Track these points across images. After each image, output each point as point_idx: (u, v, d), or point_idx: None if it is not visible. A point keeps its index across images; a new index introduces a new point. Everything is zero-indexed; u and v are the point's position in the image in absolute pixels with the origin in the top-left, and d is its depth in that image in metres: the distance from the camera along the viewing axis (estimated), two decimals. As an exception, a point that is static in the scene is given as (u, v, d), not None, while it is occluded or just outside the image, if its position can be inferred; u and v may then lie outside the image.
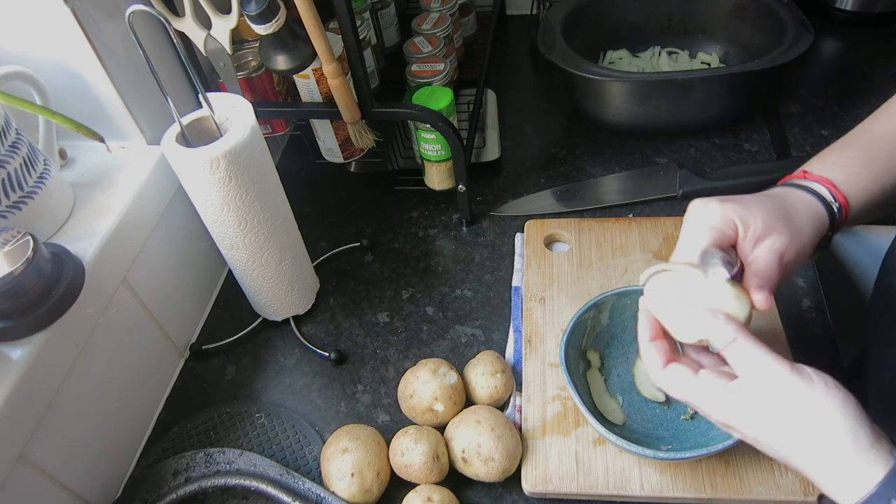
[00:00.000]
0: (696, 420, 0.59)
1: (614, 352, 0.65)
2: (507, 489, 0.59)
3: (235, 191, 0.59)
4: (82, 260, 0.57)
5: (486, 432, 0.57)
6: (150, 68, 0.55)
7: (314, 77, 0.72)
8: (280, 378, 0.71)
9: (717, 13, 0.96)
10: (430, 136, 0.76)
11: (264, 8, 0.61)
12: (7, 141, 0.55)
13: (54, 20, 0.58)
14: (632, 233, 0.76)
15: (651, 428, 0.60)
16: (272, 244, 0.66)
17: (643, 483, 0.56)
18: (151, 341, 0.69)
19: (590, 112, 0.92)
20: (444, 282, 0.77)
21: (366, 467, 0.57)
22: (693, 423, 0.59)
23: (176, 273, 0.73)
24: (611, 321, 0.65)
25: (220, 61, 0.68)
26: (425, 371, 0.62)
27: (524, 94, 1.03)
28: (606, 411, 0.61)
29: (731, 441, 0.52)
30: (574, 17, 0.93)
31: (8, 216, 0.56)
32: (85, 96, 0.63)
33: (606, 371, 0.64)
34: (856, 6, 1.02)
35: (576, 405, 0.62)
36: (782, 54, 0.80)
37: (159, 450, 0.66)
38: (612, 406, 0.61)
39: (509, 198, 0.85)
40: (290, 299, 0.73)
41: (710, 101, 0.86)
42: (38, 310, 0.52)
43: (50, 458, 0.55)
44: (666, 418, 0.60)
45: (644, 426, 0.60)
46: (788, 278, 0.65)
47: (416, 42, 0.86)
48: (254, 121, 0.59)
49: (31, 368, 0.51)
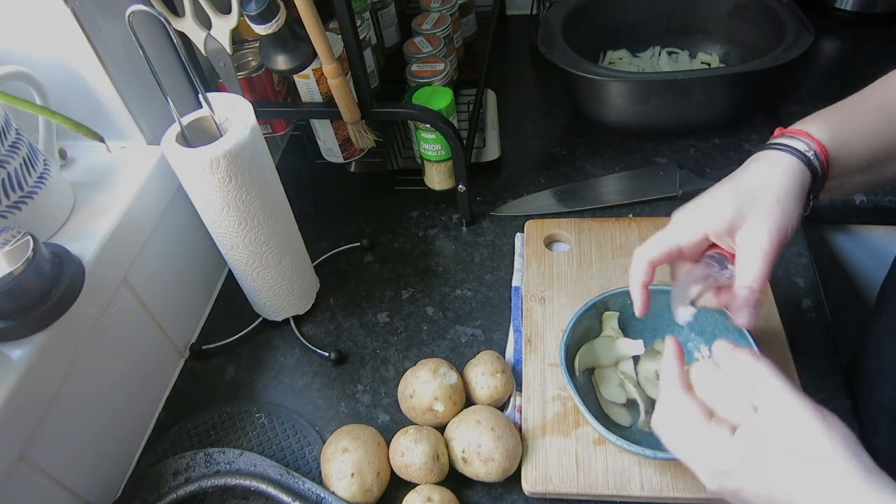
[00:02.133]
0: None
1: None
2: (507, 489, 0.59)
3: (235, 191, 0.59)
4: (82, 260, 0.57)
5: (486, 432, 0.57)
6: (150, 68, 0.55)
7: (314, 77, 0.72)
8: (280, 378, 0.71)
9: (717, 13, 0.96)
10: (430, 136, 0.76)
11: (264, 8, 0.61)
12: (7, 141, 0.55)
13: (54, 20, 0.58)
14: (632, 233, 0.76)
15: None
16: (272, 244, 0.66)
17: (643, 483, 0.56)
18: (151, 341, 0.69)
19: (590, 112, 0.92)
20: (444, 282, 0.77)
21: (366, 467, 0.57)
22: None
23: (176, 273, 0.73)
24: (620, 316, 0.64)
25: (220, 61, 0.68)
26: (425, 371, 0.62)
27: (524, 94, 1.03)
28: (613, 413, 0.61)
29: None
30: (574, 17, 0.93)
31: (8, 216, 0.56)
32: (85, 96, 0.63)
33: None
34: (856, 6, 1.02)
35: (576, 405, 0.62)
36: (782, 54, 0.80)
37: (159, 450, 0.66)
38: (617, 409, 0.61)
39: (509, 198, 0.85)
40: (290, 299, 0.73)
41: (710, 101, 0.86)
42: (38, 310, 0.52)
43: (50, 458, 0.55)
44: None
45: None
46: (783, 257, 0.65)
47: (416, 42, 0.86)
48: (254, 121, 0.60)
49: (31, 368, 0.51)
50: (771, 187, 0.49)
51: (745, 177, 0.51)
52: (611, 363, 0.64)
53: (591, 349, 0.64)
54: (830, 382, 0.62)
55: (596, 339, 0.64)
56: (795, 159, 0.50)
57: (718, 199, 0.51)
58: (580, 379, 0.62)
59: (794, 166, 0.50)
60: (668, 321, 0.61)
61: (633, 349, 0.63)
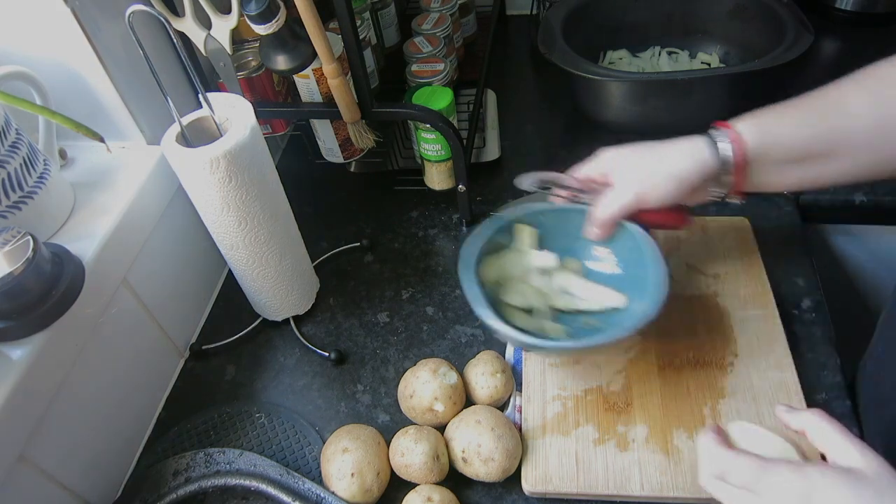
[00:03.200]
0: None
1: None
2: (507, 489, 0.59)
3: (235, 191, 0.59)
4: (82, 260, 0.57)
5: (486, 432, 0.57)
6: (150, 68, 0.55)
7: (314, 77, 0.72)
8: (280, 378, 0.71)
9: (717, 13, 0.96)
10: (430, 136, 0.76)
11: (264, 8, 0.61)
12: (7, 141, 0.55)
13: (54, 20, 0.58)
14: (632, 233, 0.76)
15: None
16: (272, 244, 0.66)
17: (643, 483, 0.56)
18: (151, 341, 0.69)
19: (590, 112, 0.92)
20: (444, 282, 0.77)
21: (366, 467, 0.57)
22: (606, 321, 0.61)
23: (176, 273, 0.73)
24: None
25: (220, 61, 0.68)
26: (425, 371, 0.62)
27: (524, 94, 1.03)
28: (513, 317, 0.61)
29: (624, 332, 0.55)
30: (574, 17, 0.93)
31: (8, 216, 0.56)
32: (85, 96, 0.63)
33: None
34: (856, 6, 1.02)
35: (576, 405, 0.62)
36: (782, 54, 0.80)
37: (159, 450, 0.66)
38: (518, 313, 0.62)
39: (509, 198, 0.85)
40: (290, 299, 0.73)
41: (710, 101, 0.86)
42: (38, 310, 0.52)
43: (50, 458, 0.55)
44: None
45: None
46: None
47: (416, 42, 0.86)
48: (254, 121, 0.60)
49: (31, 368, 0.51)
50: (668, 163, 0.58)
51: (661, 150, 0.59)
52: (520, 275, 0.64)
53: (500, 261, 0.64)
54: (830, 382, 0.62)
55: (506, 252, 0.65)
56: (703, 145, 0.57)
57: (634, 165, 0.59)
58: (484, 290, 0.62)
59: (699, 151, 0.57)
60: (578, 239, 0.64)
61: (546, 261, 0.65)
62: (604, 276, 0.64)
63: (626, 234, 0.61)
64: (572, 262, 0.65)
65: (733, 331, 0.65)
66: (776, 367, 0.62)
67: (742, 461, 0.46)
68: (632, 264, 0.62)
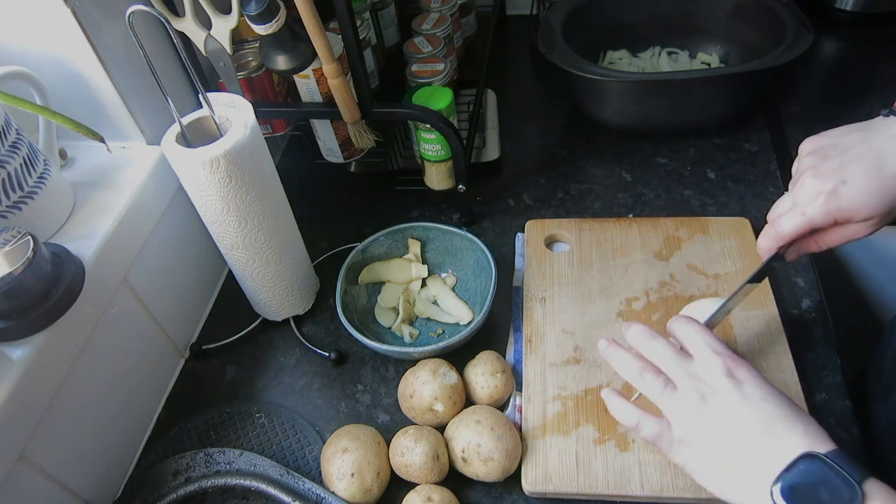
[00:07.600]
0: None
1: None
2: (507, 489, 0.59)
3: (235, 191, 0.59)
4: (82, 260, 0.57)
5: (486, 432, 0.57)
6: (150, 68, 0.55)
7: (314, 77, 0.72)
8: (280, 378, 0.71)
9: (717, 13, 0.95)
10: (430, 136, 0.76)
11: (264, 8, 0.61)
12: (7, 141, 0.55)
13: (54, 20, 0.58)
14: (632, 233, 0.76)
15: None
16: (272, 244, 0.66)
17: (643, 483, 0.56)
18: (151, 341, 0.69)
19: (590, 112, 0.92)
20: (444, 282, 0.77)
21: (366, 467, 0.57)
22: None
23: (176, 273, 0.73)
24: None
25: (220, 61, 0.68)
26: (425, 371, 0.62)
27: (524, 94, 1.03)
28: (380, 315, 0.73)
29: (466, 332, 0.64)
30: (574, 17, 0.93)
31: (8, 216, 0.56)
32: (85, 96, 0.63)
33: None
34: (856, 6, 1.02)
35: (576, 405, 0.62)
36: (782, 54, 0.80)
37: (159, 450, 0.66)
38: (384, 312, 0.74)
39: (509, 198, 0.85)
40: (290, 299, 0.73)
41: (710, 101, 0.86)
42: (38, 310, 0.52)
43: (50, 458, 0.55)
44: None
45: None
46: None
47: (416, 42, 0.86)
48: (254, 121, 0.60)
49: (31, 368, 0.51)
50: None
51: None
52: (402, 281, 0.75)
53: (388, 266, 0.76)
54: (830, 382, 0.62)
55: (394, 259, 0.76)
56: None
57: (864, 190, 0.47)
58: (360, 288, 0.74)
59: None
60: (453, 259, 0.76)
61: (420, 272, 0.75)
62: (469, 292, 0.74)
63: (476, 248, 0.72)
64: (450, 277, 0.76)
65: (733, 331, 0.65)
66: (776, 367, 0.62)
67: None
68: (482, 278, 0.72)
